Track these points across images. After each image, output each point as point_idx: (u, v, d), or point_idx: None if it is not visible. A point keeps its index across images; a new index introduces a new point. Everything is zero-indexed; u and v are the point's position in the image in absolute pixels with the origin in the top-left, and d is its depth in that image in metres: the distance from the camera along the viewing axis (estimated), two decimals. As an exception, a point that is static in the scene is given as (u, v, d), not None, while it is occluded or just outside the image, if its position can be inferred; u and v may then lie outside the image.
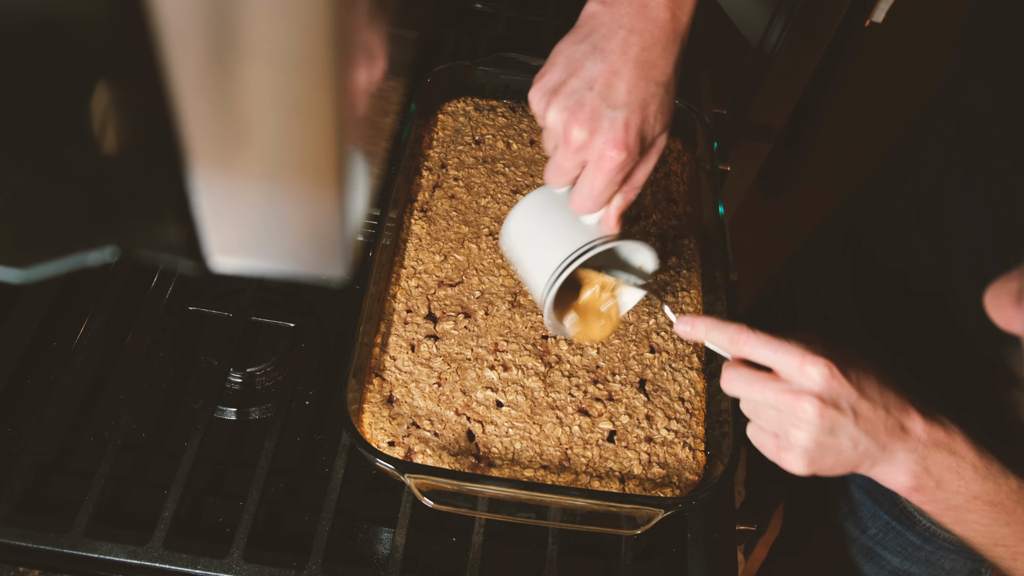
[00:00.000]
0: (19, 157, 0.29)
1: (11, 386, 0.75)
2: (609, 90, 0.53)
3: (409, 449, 0.67)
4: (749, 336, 0.54)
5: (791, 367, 0.52)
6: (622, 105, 0.53)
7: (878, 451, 0.53)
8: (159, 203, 0.31)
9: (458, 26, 1.10)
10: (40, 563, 0.64)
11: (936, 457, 0.53)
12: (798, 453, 0.53)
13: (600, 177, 0.55)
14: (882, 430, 0.53)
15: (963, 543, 0.81)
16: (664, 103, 0.56)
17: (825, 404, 0.51)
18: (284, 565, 0.64)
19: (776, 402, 0.53)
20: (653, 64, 0.54)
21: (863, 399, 0.52)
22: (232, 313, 0.79)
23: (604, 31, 0.54)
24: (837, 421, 0.52)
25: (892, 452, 0.53)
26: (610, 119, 0.53)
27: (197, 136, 0.27)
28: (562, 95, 0.55)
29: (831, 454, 0.53)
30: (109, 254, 0.33)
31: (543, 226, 0.61)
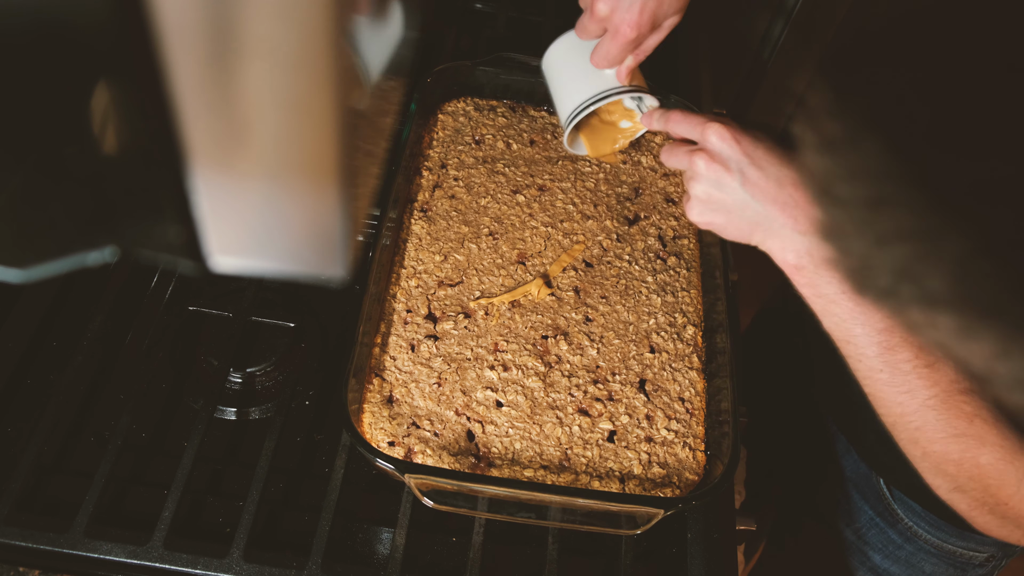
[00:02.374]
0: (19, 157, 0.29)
1: (11, 386, 0.75)
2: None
3: (409, 449, 0.67)
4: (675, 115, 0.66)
5: (696, 132, 0.62)
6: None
7: (768, 222, 0.60)
8: (159, 203, 0.31)
9: (458, 26, 1.10)
10: (40, 563, 0.64)
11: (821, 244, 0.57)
12: (692, 203, 0.64)
13: (615, 46, 0.67)
14: (771, 200, 0.59)
15: (944, 545, 0.81)
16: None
17: (713, 160, 0.61)
18: (284, 565, 0.64)
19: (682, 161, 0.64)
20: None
21: (752, 166, 0.59)
22: (232, 313, 0.79)
23: None
24: (723, 177, 0.61)
25: (783, 228, 0.59)
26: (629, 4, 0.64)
27: (197, 136, 0.27)
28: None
29: (721, 211, 0.62)
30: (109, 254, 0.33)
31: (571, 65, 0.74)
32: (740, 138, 0.60)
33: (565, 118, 0.74)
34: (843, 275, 0.45)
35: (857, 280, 0.44)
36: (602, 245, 0.81)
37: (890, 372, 0.57)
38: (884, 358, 0.57)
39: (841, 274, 0.50)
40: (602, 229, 0.82)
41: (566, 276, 0.79)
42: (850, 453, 0.86)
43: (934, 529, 0.81)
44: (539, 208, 0.83)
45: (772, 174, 0.59)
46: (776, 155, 0.60)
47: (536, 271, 0.78)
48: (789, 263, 0.60)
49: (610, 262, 0.80)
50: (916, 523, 0.81)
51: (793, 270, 0.60)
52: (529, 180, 0.86)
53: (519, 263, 0.79)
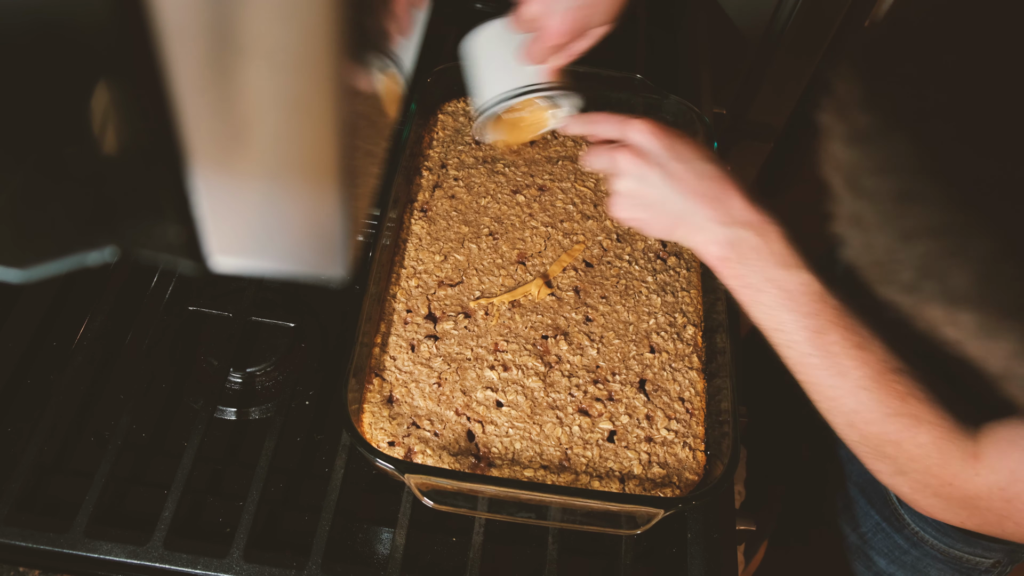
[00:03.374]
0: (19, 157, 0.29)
1: (11, 386, 0.75)
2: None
3: (409, 449, 0.67)
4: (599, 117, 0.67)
5: (618, 131, 0.64)
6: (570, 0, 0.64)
7: (691, 215, 0.60)
8: (159, 203, 0.31)
9: (458, 26, 1.10)
10: (40, 563, 0.64)
11: (744, 235, 0.59)
12: (616, 199, 0.64)
13: (541, 47, 0.68)
14: (693, 193, 0.60)
15: (950, 551, 0.81)
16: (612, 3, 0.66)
17: (635, 155, 0.61)
18: (284, 565, 0.64)
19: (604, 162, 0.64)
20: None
21: (675, 159, 0.61)
22: (232, 313, 0.79)
23: None
24: (645, 171, 0.61)
25: (706, 220, 0.60)
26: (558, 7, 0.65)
27: (197, 136, 0.27)
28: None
29: (644, 206, 0.62)
30: (109, 254, 0.33)
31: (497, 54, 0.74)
32: (662, 133, 0.62)
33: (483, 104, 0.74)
34: (865, 269, 0.45)
35: (879, 275, 0.44)
36: (602, 245, 0.81)
37: (820, 356, 0.57)
38: (814, 342, 0.57)
39: (863, 267, 0.50)
40: (602, 229, 0.82)
41: (566, 276, 0.79)
42: (855, 458, 0.86)
43: (940, 535, 0.81)
44: (539, 208, 0.83)
45: (694, 167, 0.61)
46: (698, 150, 0.62)
47: (536, 271, 0.78)
48: (714, 255, 0.61)
49: (610, 262, 0.80)
50: (923, 528, 0.81)
51: (718, 262, 0.61)
52: (529, 180, 0.86)
53: (519, 263, 0.79)
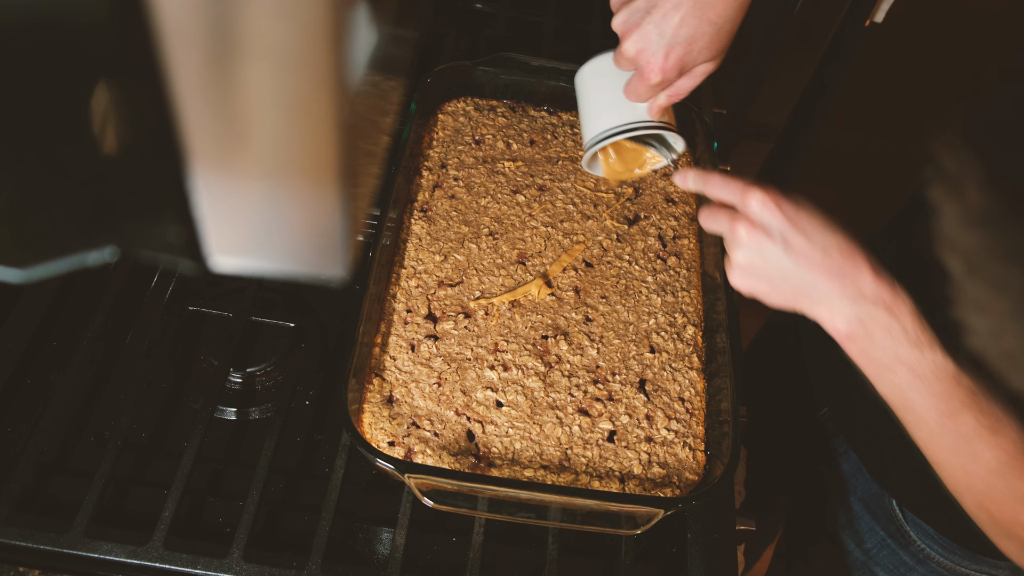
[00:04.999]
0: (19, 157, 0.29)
1: (11, 386, 0.75)
2: (664, 21, 0.62)
3: (409, 449, 0.67)
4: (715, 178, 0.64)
5: (736, 198, 0.60)
6: (669, 36, 0.62)
7: (815, 289, 0.57)
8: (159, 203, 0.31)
9: (458, 26, 1.10)
10: (40, 563, 0.64)
11: (874, 313, 0.56)
12: (734, 270, 0.61)
13: (642, 85, 0.66)
14: (818, 268, 0.57)
15: (956, 568, 0.81)
16: (713, 40, 0.63)
17: (755, 227, 0.59)
18: (284, 565, 0.64)
19: (723, 227, 0.61)
20: (713, 5, 0.61)
21: (797, 232, 0.57)
22: (232, 313, 0.79)
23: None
24: (765, 245, 0.58)
25: (832, 295, 0.57)
26: (656, 45, 0.63)
27: (197, 136, 0.27)
28: (629, 9, 0.64)
29: (763, 278, 0.60)
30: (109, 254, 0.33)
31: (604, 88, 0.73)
32: (782, 204, 0.58)
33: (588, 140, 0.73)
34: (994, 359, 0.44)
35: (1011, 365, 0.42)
36: (602, 245, 0.81)
37: (952, 438, 0.55)
38: (945, 425, 0.55)
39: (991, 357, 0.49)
40: (602, 229, 0.82)
41: (566, 276, 0.79)
42: (861, 473, 0.86)
43: (947, 552, 0.80)
44: (539, 208, 0.83)
45: (817, 241, 0.57)
46: (820, 221, 0.58)
47: (536, 271, 0.78)
48: (840, 331, 0.57)
49: (610, 262, 0.80)
50: (929, 546, 0.81)
51: (844, 338, 0.58)
52: (529, 180, 0.86)
53: (519, 263, 0.79)
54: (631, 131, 0.70)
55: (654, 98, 0.68)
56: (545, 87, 0.91)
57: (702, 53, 0.64)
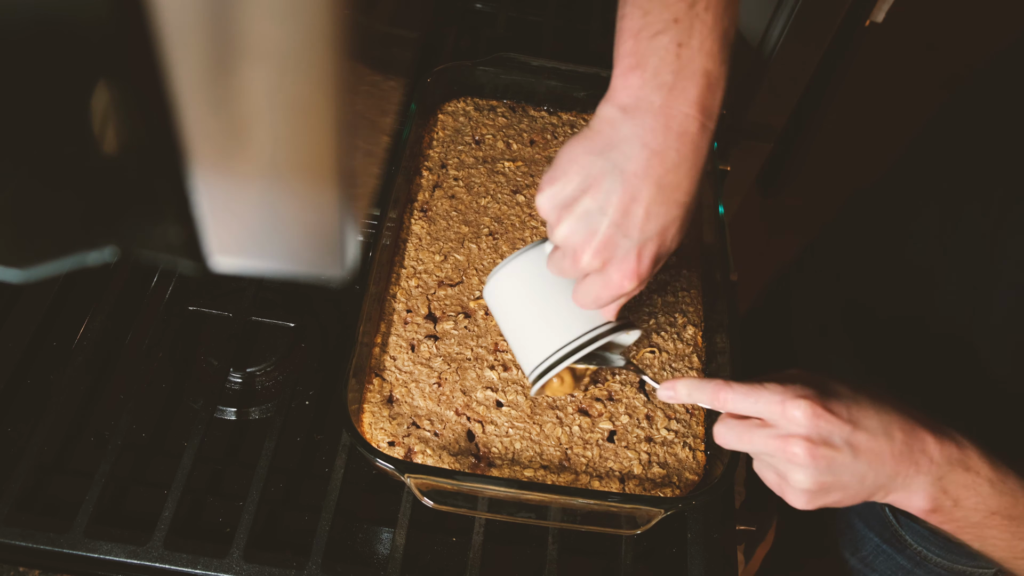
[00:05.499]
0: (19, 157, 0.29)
1: (11, 386, 0.75)
2: (626, 218, 0.50)
3: (409, 449, 0.67)
4: (728, 391, 0.53)
5: (774, 414, 0.51)
6: (637, 234, 0.51)
7: (889, 479, 0.52)
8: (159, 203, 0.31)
9: (458, 26, 1.10)
10: (40, 563, 0.64)
11: (951, 476, 0.51)
12: (799, 493, 0.52)
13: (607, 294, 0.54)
14: (888, 459, 0.51)
15: (954, 567, 0.81)
16: (684, 223, 0.53)
17: (815, 444, 0.50)
18: (284, 565, 0.64)
19: (768, 449, 0.52)
20: (676, 186, 0.50)
21: (858, 431, 0.51)
22: (232, 313, 0.79)
23: (625, 149, 0.50)
24: (833, 459, 0.51)
25: (906, 477, 0.51)
26: (624, 249, 0.51)
27: (197, 136, 0.27)
28: (575, 215, 0.52)
29: (835, 490, 0.52)
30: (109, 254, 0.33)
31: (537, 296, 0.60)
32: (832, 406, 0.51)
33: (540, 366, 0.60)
34: None
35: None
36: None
37: None
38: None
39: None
40: (602, 229, 0.82)
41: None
42: None
43: (945, 552, 0.80)
44: (539, 208, 0.83)
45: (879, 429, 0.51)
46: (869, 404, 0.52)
47: (536, 271, 0.78)
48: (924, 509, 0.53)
49: (610, 262, 0.80)
50: (926, 548, 0.81)
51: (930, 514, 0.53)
52: (529, 180, 0.86)
53: (519, 263, 0.79)
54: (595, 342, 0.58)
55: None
56: (545, 87, 0.91)
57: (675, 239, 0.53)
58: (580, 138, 0.53)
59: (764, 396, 0.52)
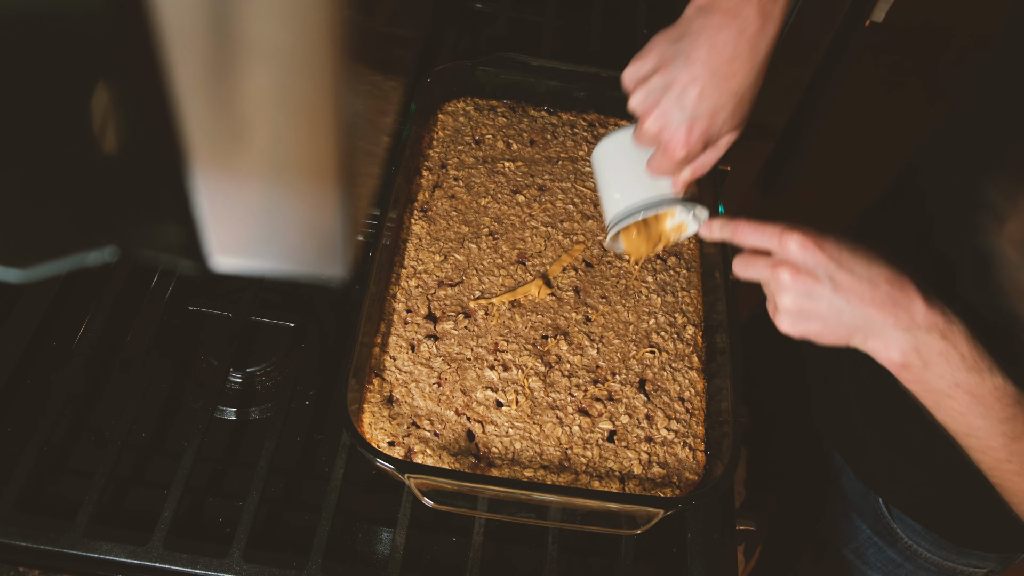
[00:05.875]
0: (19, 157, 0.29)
1: (11, 386, 0.75)
2: (683, 96, 0.59)
3: (409, 449, 0.67)
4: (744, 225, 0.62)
5: (772, 243, 0.59)
6: (690, 111, 0.59)
7: (867, 323, 0.56)
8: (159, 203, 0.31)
9: (458, 26, 1.10)
10: (40, 563, 0.64)
11: (928, 340, 0.55)
12: (782, 315, 0.59)
13: (666, 161, 0.63)
14: (868, 302, 0.56)
15: (943, 563, 0.81)
16: (736, 110, 0.61)
17: (799, 271, 0.57)
18: (284, 565, 0.64)
19: (764, 274, 0.60)
20: (732, 75, 0.58)
21: (842, 270, 0.56)
22: (232, 313, 0.79)
23: (693, 38, 0.58)
24: (813, 288, 0.57)
25: (884, 327, 0.56)
26: (678, 121, 0.60)
27: (197, 136, 0.27)
28: (647, 87, 0.61)
29: (814, 319, 0.58)
30: (109, 254, 0.33)
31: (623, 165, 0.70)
32: (822, 243, 0.57)
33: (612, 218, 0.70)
34: None
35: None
36: (602, 245, 0.81)
37: (1019, 461, 0.55)
38: (1011, 448, 0.55)
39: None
40: (602, 229, 0.82)
41: (566, 276, 0.79)
42: (846, 472, 0.86)
43: (934, 547, 0.80)
44: (539, 208, 0.83)
45: (864, 275, 0.56)
46: (862, 254, 0.57)
47: (536, 271, 0.78)
48: (895, 361, 0.57)
49: (610, 262, 0.80)
50: (916, 542, 0.81)
51: (900, 368, 0.57)
52: (529, 180, 0.86)
53: (519, 263, 0.79)
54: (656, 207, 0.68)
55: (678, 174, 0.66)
56: (545, 87, 0.91)
57: (725, 124, 0.62)
58: (665, 29, 0.62)
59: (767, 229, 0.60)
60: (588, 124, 0.92)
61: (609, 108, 0.92)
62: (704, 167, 0.65)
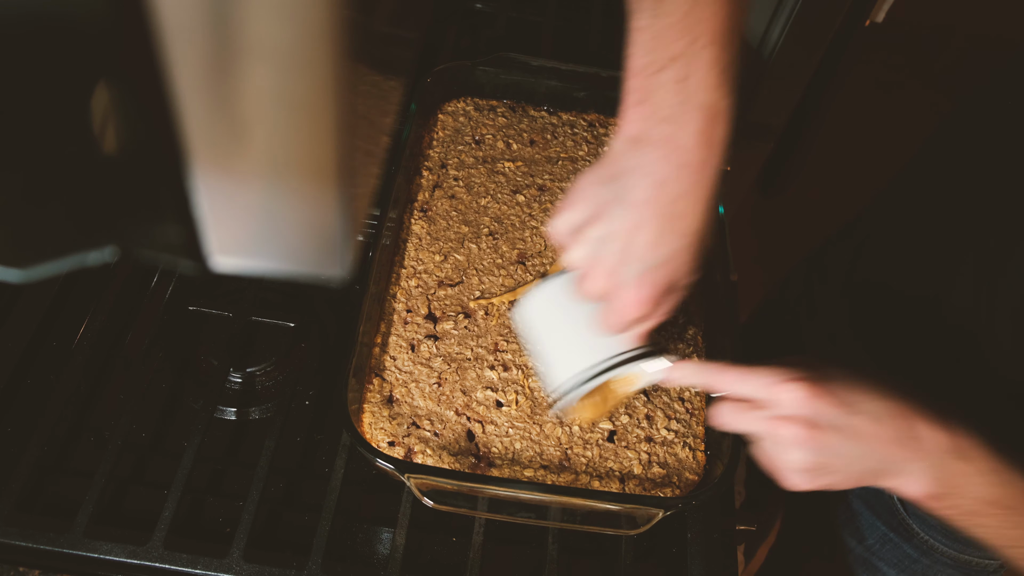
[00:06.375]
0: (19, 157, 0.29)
1: (11, 386, 0.75)
2: (630, 246, 0.52)
3: (409, 449, 0.67)
4: (725, 374, 0.55)
5: (768, 395, 0.53)
6: (639, 264, 0.52)
7: (883, 464, 0.53)
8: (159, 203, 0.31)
9: (458, 26, 1.10)
10: (40, 563, 0.64)
11: (949, 464, 0.52)
12: (792, 473, 0.54)
13: (619, 320, 0.55)
14: (882, 443, 0.52)
15: (960, 556, 0.81)
16: (693, 253, 0.54)
17: (806, 426, 0.51)
18: (284, 565, 0.64)
19: (760, 430, 0.53)
20: (681, 216, 0.51)
21: (854, 415, 0.52)
22: (232, 313, 0.79)
23: (630, 178, 0.51)
24: (824, 441, 0.52)
25: (903, 463, 0.52)
26: (629, 276, 0.53)
27: (197, 136, 0.27)
28: (583, 241, 0.54)
29: (828, 472, 0.53)
30: (109, 254, 0.33)
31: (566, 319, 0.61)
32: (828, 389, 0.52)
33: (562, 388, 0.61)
34: None
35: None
36: (602, 245, 0.81)
37: None
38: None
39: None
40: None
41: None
42: None
43: (951, 541, 0.80)
44: (539, 208, 0.83)
45: (874, 413, 0.52)
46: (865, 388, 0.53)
47: (536, 271, 0.78)
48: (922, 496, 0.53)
49: (610, 262, 0.80)
50: (933, 536, 0.81)
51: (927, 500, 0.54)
52: (529, 180, 0.86)
53: (519, 263, 0.79)
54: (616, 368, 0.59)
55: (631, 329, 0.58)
56: (545, 87, 0.91)
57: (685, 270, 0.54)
58: (592, 168, 0.55)
59: (758, 378, 0.53)
60: (588, 124, 0.92)
61: (609, 108, 0.92)
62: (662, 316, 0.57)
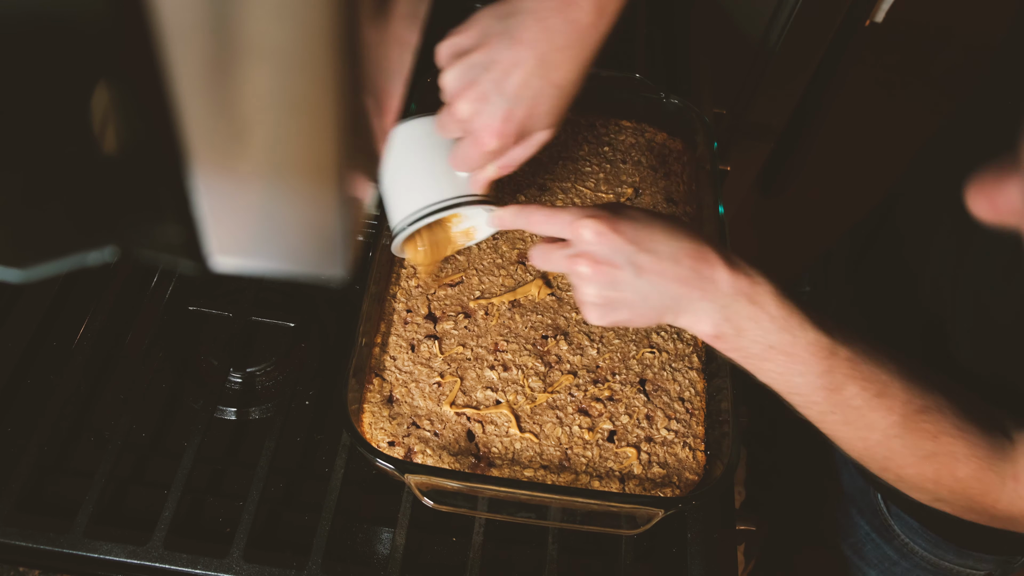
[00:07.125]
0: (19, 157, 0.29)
1: (11, 386, 0.75)
2: (505, 78, 0.55)
3: (409, 449, 0.67)
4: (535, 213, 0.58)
5: (569, 232, 0.56)
6: (510, 96, 0.55)
7: (675, 302, 0.55)
8: (159, 203, 0.31)
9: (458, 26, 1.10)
10: (40, 563, 0.64)
11: (736, 307, 0.54)
12: (589, 308, 0.57)
13: (474, 151, 0.58)
14: (673, 281, 0.54)
15: (940, 563, 0.81)
16: (556, 104, 0.57)
17: (598, 262, 0.54)
18: (284, 565, 0.64)
19: (562, 266, 0.57)
20: (557, 66, 0.55)
21: (643, 252, 0.54)
22: (232, 313, 0.79)
23: (524, 19, 0.55)
24: (615, 276, 0.54)
25: (692, 301, 0.54)
26: (494, 106, 0.56)
27: (197, 136, 0.27)
28: (463, 65, 0.57)
29: (622, 308, 0.56)
30: (109, 254, 0.33)
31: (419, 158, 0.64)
32: (618, 226, 0.54)
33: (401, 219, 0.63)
34: None
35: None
36: (602, 245, 0.81)
37: (842, 412, 0.55)
38: (832, 400, 0.54)
39: None
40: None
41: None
42: (846, 467, 0.86)
43: (931, 546, 0.80)
44: (539, 208, 0.83)
45: (665, 252, 0.54)
46: (660, 229, 0.55)
47: (536, 271, 0.78)
48: (708, 334, 0.55)
49: (610, 262, 0.80)
50: (913, 540, 0.81)
51: (713, 339, 0.56)
52: (529, 180, 0.86)
53: (519, 263, 0.79)
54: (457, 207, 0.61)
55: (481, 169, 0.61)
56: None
57: (543, 118, 0.57)
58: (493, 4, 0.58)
59: (561, 216, 0.56)
60: (588, 124, 0.92)
61: (609, 108, 0.92)
62: (512, 165, 0.60)
